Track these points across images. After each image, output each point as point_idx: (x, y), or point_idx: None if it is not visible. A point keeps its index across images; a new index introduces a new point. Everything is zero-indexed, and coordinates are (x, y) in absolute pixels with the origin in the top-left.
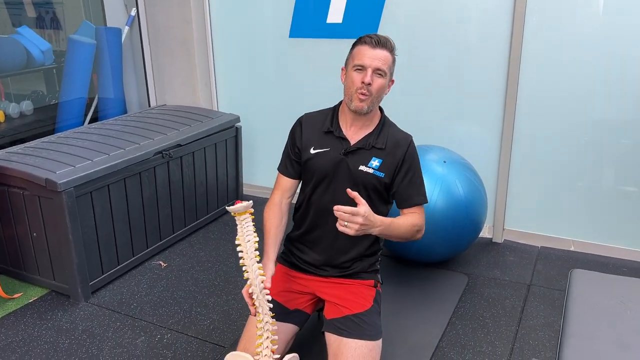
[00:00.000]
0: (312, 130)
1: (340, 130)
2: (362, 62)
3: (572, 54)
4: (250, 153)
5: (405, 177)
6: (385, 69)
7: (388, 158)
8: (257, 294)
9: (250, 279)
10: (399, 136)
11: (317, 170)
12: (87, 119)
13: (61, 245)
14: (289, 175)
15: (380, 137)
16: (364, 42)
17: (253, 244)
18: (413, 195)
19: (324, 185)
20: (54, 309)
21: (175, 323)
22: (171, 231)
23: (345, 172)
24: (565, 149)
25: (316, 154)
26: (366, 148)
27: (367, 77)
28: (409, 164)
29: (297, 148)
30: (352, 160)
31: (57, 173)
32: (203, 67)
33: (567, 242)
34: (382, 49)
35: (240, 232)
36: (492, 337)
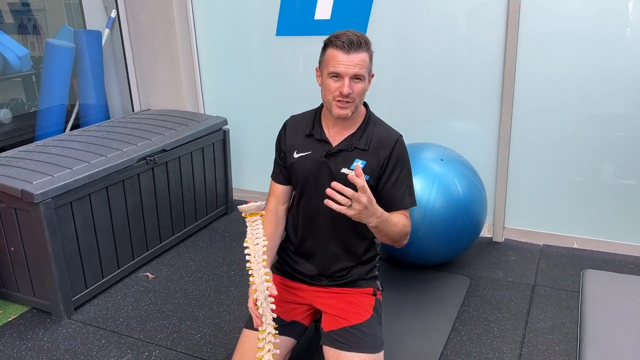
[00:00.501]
0: (296, 133)
1: (321, 132)
2: (338, 70)
3: (569, 48)
4: (239, 157)
5: (390, 178)
6: (363, 72)
7: (372, 159)
8: (262, 300)
9: (256, 284)
10: (385, 135)
11: (300, 175)
12: (68, 126)
13: (40, 259)
14: (281, 181)
15: (363, 137)
16: (335, 47)
17: (262, 247)
18: (398, 198)
19: (308, 190)
20: (35, 328)
21: (164, 338)
22: (158, 241)
23: (327, 176)
24: (565, 144)
25: (299, 158)
26: (348, 149)
27: (345, 87)
28: (394, 165)
29: (283, 153)
30: (334, 162)
31: (33, 183)
32: (188, 69)
33: (570, 239)
34: (357, 52)
35: (249, 235)
36: (499, 343)
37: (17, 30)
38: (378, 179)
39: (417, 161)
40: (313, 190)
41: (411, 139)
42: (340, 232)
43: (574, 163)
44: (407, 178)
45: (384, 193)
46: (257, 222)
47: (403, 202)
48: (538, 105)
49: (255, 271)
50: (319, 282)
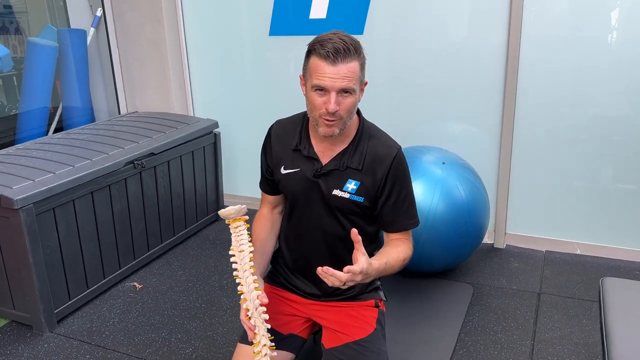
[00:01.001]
0: (282, 145)
1: (309, 148)
2: (322, 83)
3: (573, 50)
4: (230, 161)
5: (389, 199)
6: (352, 85)
7: (367, 179)
8: (253, 311)
9: (245, 292)
10: (381, 150)
11: (289, 193)
12: (51, 129)
13: (21, 269)
14: (270, 192)
15: (356, 154)
16: (319, 55)
17: (248, 254)
18: (399, 219)
19: (299, 210)
20: (14, 342)
21: (153, 353)
22: (146, 249)
23: (318, 197)
24: (568, 148)
25: (287, 175)
26: (340, 169)
27: (332, 104)
28: (393, 183)
29: (269, 166)
30: (325, 183)
31: (13, 188)
32: (177, 70)
33: (573, 245)
34: (344, 62)
35: (234, 242)
36: (507, 354)
37: None
38: (375, 199)
39: (418, 165)
40: (303, 210)
41: (411, 142)
42: (335, 252)
43: (576, 167)
44: (408, 197)
45: (383, 214)
46: (241, 227)
47: (404, 224)
48: (541, 108)
49: (243, 279)
50: (318, 298)
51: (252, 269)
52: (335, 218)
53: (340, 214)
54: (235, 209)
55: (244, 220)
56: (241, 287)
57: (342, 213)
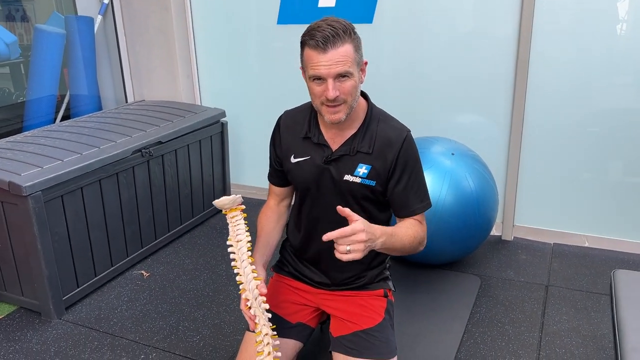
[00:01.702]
0: (291, 134)
1: (319, 135)
2: (318, 72)
3: (584, 42)
4: (237, 150)
5: (400, 182)
6: (348, 68)
7: (377, 162)
8: (252, 301)
9: (244, 283)
10: (391, 134)
11: (299, 182)
12: (58, 117)
13: (29, 256)
14: (278, 184)
15: (365, 139)
16: (310, 46)
17: (245, 244)
18: (410, 202)
19: (310, 198)
20: (23, 329)
21: (161, 340)
22: (153, 237)
23: (329, 183)
24: (578, 140)
25: (297, 164)
26: (350, 154)
27: (330, 91)
28: (404, 166)
29: (278, 157)
30: (336, 169)
31: (22, 175)
32: (184, 58)
33: (581, 237)
34: (334, 47)
35: (231, 232)
36: (515, 346)
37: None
38: (386, 183)
39: (427, 155)
40: (314, 198)
41: (420, 133)
42: None
43: (586, 159)
44: (419, 179)
45: (394, 198)
46: (237, 217)
47: (415, 207)
48: (551, 100)
49: (241, 269)
50: (327, 287)
51: (250, 259)
52: (347, 204)
53: (352, 200)
54: (229, 199)
55: (240, 210)
56: (240, 277)
57: (354, 198)
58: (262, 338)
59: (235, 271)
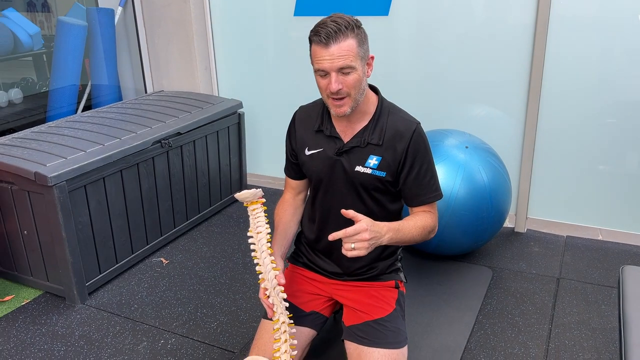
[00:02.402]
0: (305, 128)
1: (331, 128)
2: (321, 66)
3: (603, 31)
4: (253, 141)
5: (411, 172)
6: (351, 62)
7: (388, 154)
8: (270, 290)
9: (263, 272)
10: (401, 126)
11: (313, 174)
12: (80, 106)
13: (54, 243)
14: (294, 177)
15: (376, 131)
16: (315, 42)
17: (265, 235)
18: (421, 193)
19: (323, 189)
20: (49, 312)
21: (180, 326)
22: (172, 226)
23: (341, 174)
24: (595, 132)
25: (310, 156)
26: (361, 146)
27: (333, 84)
28: (414, 157)
29: (293, 150)
30: (348, 160)
31: (47, 166)
32: (202, 50)
33: (595, 230)
34: (337, 42)
35: (252, 224)
36: (524, 337)
37: (27, 8)
38: (397, 174)
39: (440, 148)
40: (327, 189)
41: (434, 125)
42: None
43: (601, 152)
44: (430, 170)
45: (405, 188)
46: (258, 210)
47: (426, 197)
48: (567, 91)
49: (261, 260)
50: (340, 277)
51: (269, 250)
52: (358, 196)
53: (363, 191)
54: (250, 193)
55: (260, 203)
56: (259, 268)
57: (365, 190)
58: (280, 326)
59: (255, 261)
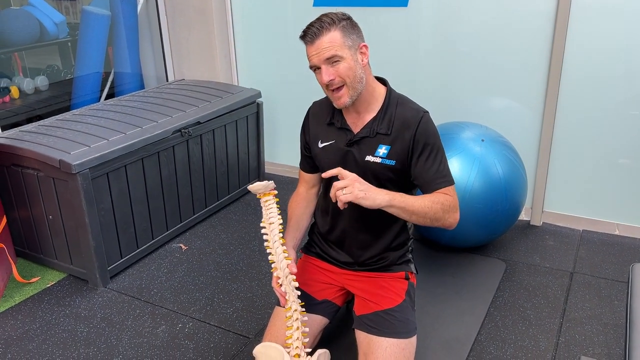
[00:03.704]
0: (318, 122)
1: (342, 120)
2: (311, 62)
3: (626, 20)
4: (271, 130)
5: (419, 159)
6: (336, 52)
7: (396, 143)
8: (283, 279)
9: (275, 262)
10: (408, 115)
11: (325, 165)
12: (104, 94)
13: (78, 228)
14: (308, 170)
15: (384, 121)
16: (304, 43)
17: (277, 226)
18: (431, 179)
19: (335, 180)
20: (72, 295)
21: (197, 311)
22: (191, 212)
23: (353, 165)
24: (615, 124)
25: (323, 148)
26: (370, 136)
27: (324, 76)
28: (422, 145)
29: (307, 143)
30: (358, 150)
31: (71, 154)
32: (222, 39)
33: (612, 225)
34: (319, 37)
35: (264, 215)
36: (535, 331)
37: None
38: (407, 162)
39: (456, 141)
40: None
41: (450, 117)
42: (368, 220)
43: (620, 145)
44: (438, 157)
45: (416, 175)
46: (270, 201)
47: (437, 183)
48: (587, 83)
49: (273, 250)
50: (351, 267)
51: (281, 240)
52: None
53: (375, 182)
54: (263, 184)
55: (272, 195)
56: (272, 257)
57: (377, 180)
58: (292, 314)
59: (268, 251)
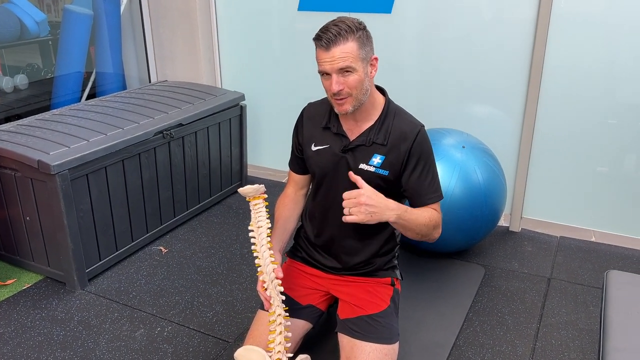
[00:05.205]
0: (313, 124)
1: (338, 125)
2: (323, 68)
3: (605, 31)
4: (255, 133)
5: (413, 173)
6: (350, 64)
7: (391, 154)
8: (269, 283)
9: (262, 266)
10: (405, 128)
11: (317, 169)
12: (85, 94)
13: (56, 230)
14: (298, 171)
15: (381, 131)
16: (318, 46)
17: (265, 230)
18: (423, 193)
19: (326, 184)
20: (49, 297)
21: (177, 315)
22: (172, 215)
23: (345, 171)
24: (594, 133)
25: (317, 151)
26: (366, 144)
27: (334, 85)
28: (417, 159)
29: (300, 144)
30: (353, 158)
31: (50, 154)
32: (206, 41)
33: (588, 232)
34: (336, 45)
35: (253, 218)
36: (512, 336)
37: None
38: (399, 175)
39: (438, 147)
40: (331, 184)
41: (432, 124)
42: (358, 226)
43: (597, 153)
44: (432, 171)
45: (408, 188)
46: (259, 205)
47: (427, 197)
48: (565, 92)
49: (260, 254)
50: (337, 272)
51: (268, 244)
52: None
53: None
54: (253, 188)
55: (262, 199)
56: (258, 261)
57: None
58: (276, 318)
59: (255, 255)
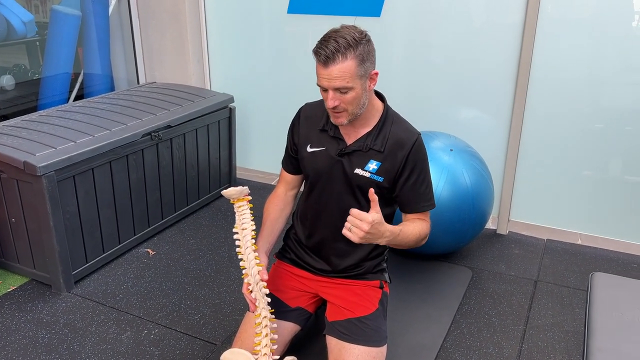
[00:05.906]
0: (310, 125)
1: (335, 129)
2: (321, 83)
3: (592, 36)
4: (244, 135)
5: (408, 181)
6: (346, 84)
7: (387, 160)
8: (254, 285)
9: (247, 268)
10: (403, 135)
11: (312, 170)
12: (72, 95)
13: (42, 232)
14: (291, 171)
15: (379, 138)
16: (317, 60)
17: (250, 232)
18: (415, 201)
19: (319, 187)
20: (34, 300)
21: (164, 317)
22: (160, 217)
23: (340, 175)
24: (580, 137)
25: (312, 153)
26: (363, 150)
27: (329, 100)
28: (412, 167)
29: (295, 144)
30: (348, 162)
31: (36, 155)
32: (195, 43)
33: (574, 235)
34: (334, 63)
35: (237, 220)
36: (499, 338)
37: None
38: (394, 181)
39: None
40: (324, 187)
41: (421, 127)
42: None
43: (583, 157)
44: (426, 180)
45: (401, 195)
46: (244, 207)
47: (420, 206)
48: (552, 97)
49: (245, 256)
50: (326, 274)
51: (253, 246)
52: (354, 196)
53: (359, 193)
54: (237, 190)
55: (246, 201)
56: (243, 263)
57: (361, 192)
58: (261, 320)
59: (240, 257)
